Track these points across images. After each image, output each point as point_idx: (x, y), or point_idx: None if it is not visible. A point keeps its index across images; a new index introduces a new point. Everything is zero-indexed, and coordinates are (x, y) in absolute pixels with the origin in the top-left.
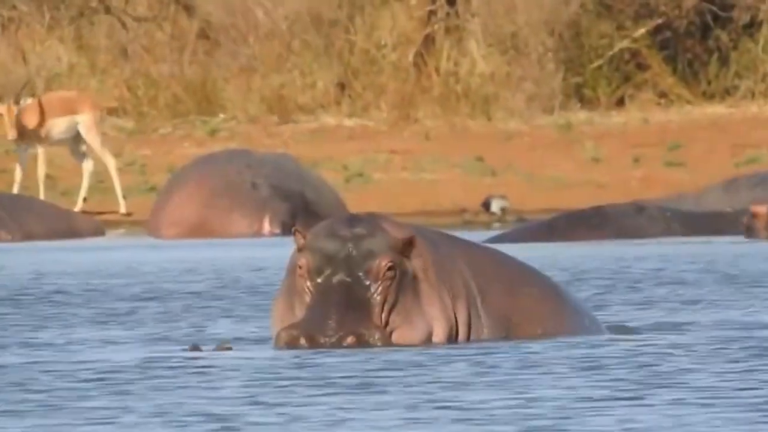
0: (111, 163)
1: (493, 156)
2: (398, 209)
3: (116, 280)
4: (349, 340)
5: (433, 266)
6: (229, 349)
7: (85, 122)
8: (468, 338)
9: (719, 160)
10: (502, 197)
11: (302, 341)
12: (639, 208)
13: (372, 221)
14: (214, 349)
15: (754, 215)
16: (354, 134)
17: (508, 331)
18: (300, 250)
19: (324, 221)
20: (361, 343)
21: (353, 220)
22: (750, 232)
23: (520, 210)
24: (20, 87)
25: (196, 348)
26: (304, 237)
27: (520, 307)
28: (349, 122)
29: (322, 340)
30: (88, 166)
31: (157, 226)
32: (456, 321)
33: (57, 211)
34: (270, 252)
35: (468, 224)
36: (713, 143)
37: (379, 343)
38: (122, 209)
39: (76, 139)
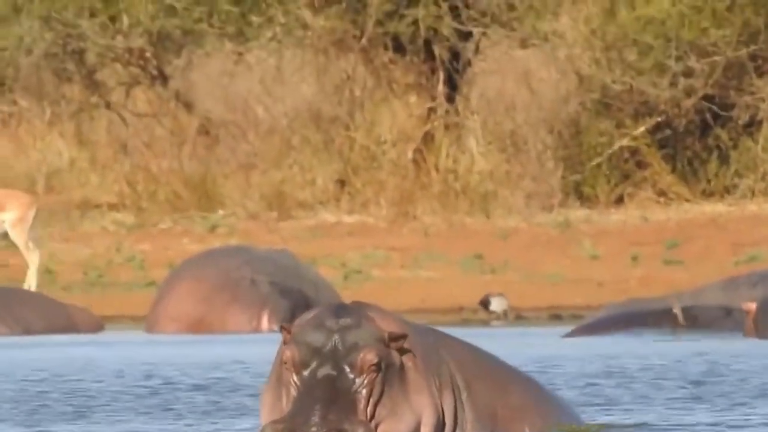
0: (34, 264)
1: (492, 253)
2: (396, 306)
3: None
4: None
5: (421, 355)
6: None
7: (9, 220)
8: (454, 431)
9: (719, 258)
10: (502, 296)
11: None
12: (728, 311)
13: (359, 311)
14: None
15: (746, 312)
16: (353, 231)
17: (493, 426)
18: (286, 343)
19: (311, 311)
20: None
21: (341, 310)
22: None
23: (518, 308)
24: None
25: None
26: (290, 332)
27: (505, 404)
28: (348, 219)
29: None
30: (33, 258)
31: (156, 321)
32: (443, 412)
33: (56, 306)
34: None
35: (466, 322)
36: (712, 242)
37: None
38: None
39: (5, 235)
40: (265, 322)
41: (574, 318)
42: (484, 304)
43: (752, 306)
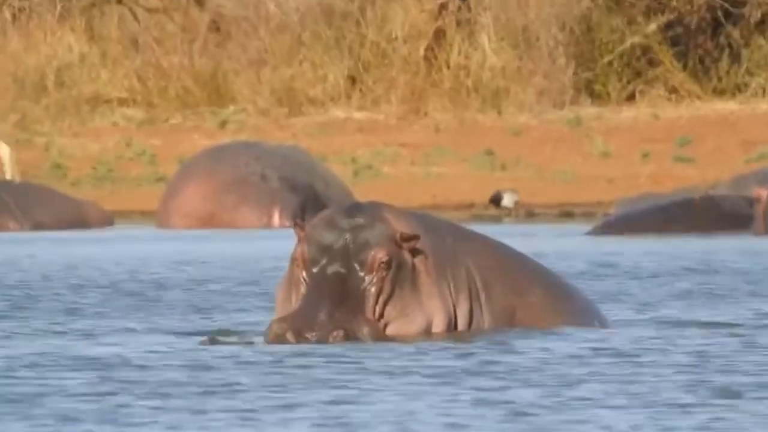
0: (5, 155)
1: (503, 150)
2: (407, 203)
3: (126, 271)
4: (337, 335)
5: (434, 259)
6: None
7: None
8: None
9: (729, 156)
10: (513, 191)
11: (289, 336)
12: (750, 201)
13: (374, 211)
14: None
15: (756, 199)
16: (363, 127)
17: (512, 325)
18: (300, 241)
19: (326, 210)
20: (350, 338)
21: (354, 209)
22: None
23: (529, 204)
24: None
25: (213, 340)
26: (303, 228)
27: (524, 304)
28: (358, 115)
29: (309, 336)
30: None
31: (167, 217)
32: (455, 313)
33: (66, 201)
34: (280, 244)
35: (477, 218)
36: (723, 139)
37: (368, 338)
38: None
39: None
40: (275, 219)
41: (585, 215)
42: (495, 200)
43: (763, 193)
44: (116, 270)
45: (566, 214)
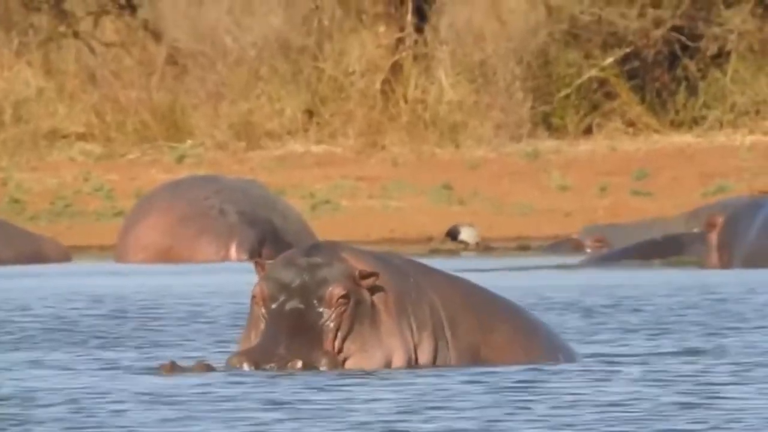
0: None
1: (461, 184)
2: (365, 237)
3: (81, 305)
4: (296, 365)
5: (394, 296)
6: (210, 368)
7: None
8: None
9: (687, 189)
10: (471, 226)
11: (246, 368)
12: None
13: (332, 251)
14: (193, 369)
15: (710, 225)
16: (321, 161)
17: (477, 363)
18: (259, 279)
19: (285, 252)
20: (308, 368)
21: (313, 249)
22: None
23: (486, 238)
24: None
25: (174, 367)
26: (264, 267)
27: (490, 340)
28: (316, 149)
29: (267, 368)
30: None
31: (125, 251)
32: (416, 351)
33: (24, 236)
34: (236, 278)
35: (435, 252)
36: (681, 172)
37: (326, 369)
38: None
39: None
40: (233, 253)
41: (542, 248)
42: (452, 235)
43: (718, 219)
44: (70, 304)
45: (523, 247)
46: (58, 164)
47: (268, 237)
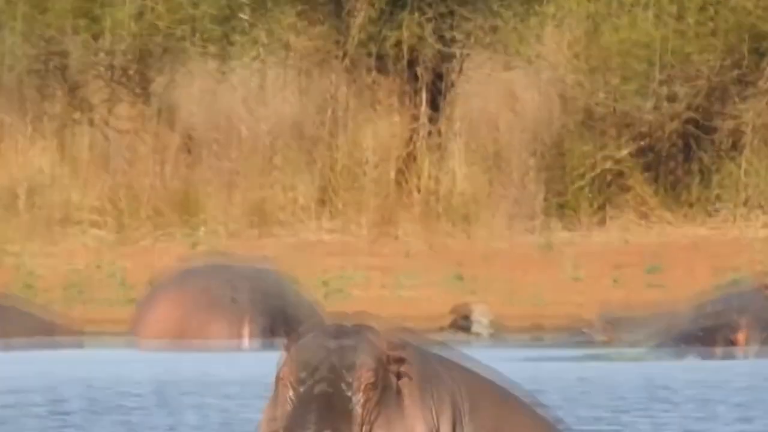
0: None
1: (473, 274)
2: (377, 325)
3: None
4: None
5: (418, 382)
6: None
7: None
8: None
9: (700, 282)
10: (483, 308)
11: None
12: None
13: (360, 333)
14: None
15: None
16: (334, 250)
17: None
18: (286, 360)
19: (312, 332)
20: None
21: (340, 330)
22: None
23: (499, 327)
24: None
25: None
26: (290, 349)
27: (509, 427)
28: (329, 237)
29: None
30: None
31: (137, 337)
32: None
33: (37, 320)
34: (248, 365)
35: (446, 341)
36: (694, 265)
37: None
38: None
39: None
40: (245, 341)
41: (556, 339)
42: (462, 316)
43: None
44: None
45: (536, 338)
46: (71, 250)
47: (280, 325)
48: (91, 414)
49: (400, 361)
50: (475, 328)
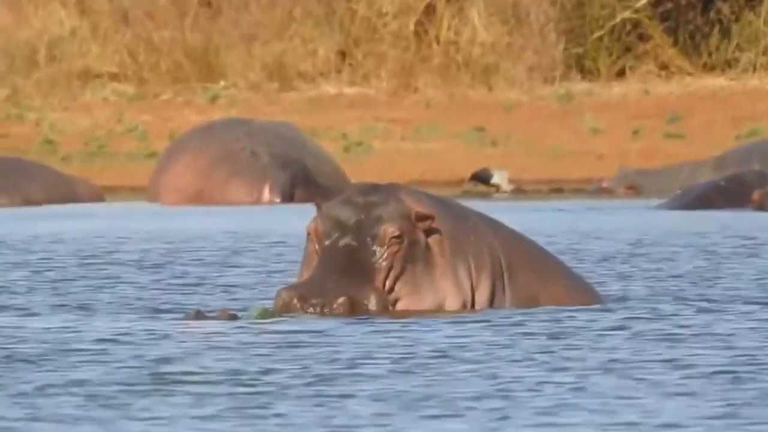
0: None
1: (493, 126)
2: (397, 178)
3: (117, 246)
4: (342, 302)
5: (451, 239)
6: (234, 317)
7: None
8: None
9: (719, 132)
10: (502, 169)
11: (295, 302)
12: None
13: (390, 191)
14: (218, 317)
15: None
16: (354, 103)
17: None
18: (315, 216)
19: (346, 189)
20: (355, 305)
21: (371, 189)
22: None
23: (518, 180)
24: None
25: (199, 315)
26: (320, 206)
27: (547, 291)
28: (349, 90)
29: (315, 301)
30: None
31: (157, 193)
32: (474, 293)
33: (57, 177)
34: (269, 219)
35: (467, 194)
36: (713, 115)
37: (374, 308)
38: None
39: None
40: (266, 195)
41: (575, 191)
42: (483, 177)
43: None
44: (104, 245)
45: (556, 189)
46: (91, 105)
47: (300, 179)
48: (104, 267)
49: (429, 218)
50: (495, 179)
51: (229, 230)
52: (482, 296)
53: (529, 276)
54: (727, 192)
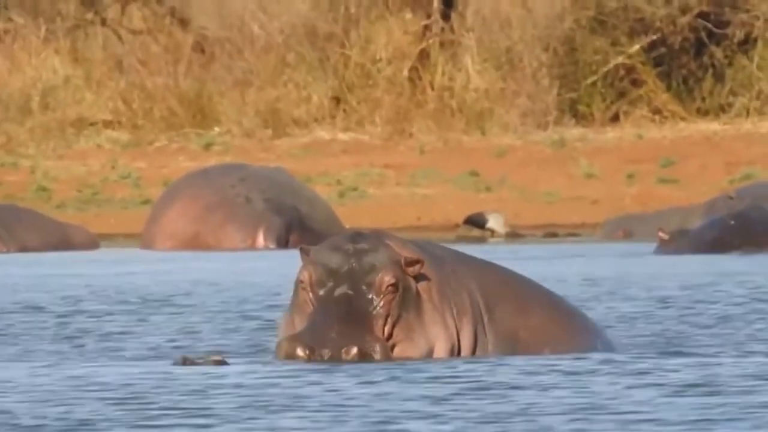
0: None
1: (487, 171)
2: (392, 224)
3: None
4: (351, 351)
5: (437, 285)
6: (223, 362)
7: None
8: (472, 354)
9: (713, 176)
10: (497, 212)
11: (300, 352)
12: None
13: (376, 238)
14: (205, 362)
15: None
16: (348, 148)
17: (514, 350)
18: (305, 264)
19: (329, 238)
20: (362, 355)
21: (357, 236)
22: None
23: (513, 225)
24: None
25: (187, 361)
26: (308, 253)
27: (528, 326)
28: (343, 136)
29: (322, 352)
30: None
31: (152, 239)
32: (459, 338)
33: (52, 224)
34: (263, 265)
35: (461, 238)
36: (707, 160)
37: (379, 356)
38: None
39: None
40: (260, 240)
41: (570, 236)
42: (478, 222)
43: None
44: (102, 292)
45: (550, 234)
46: (86, 152)
47: (295, 225)
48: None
49: (417, 262)
50: (490, 224)
51: (221, 276)
52: (466, 341)
53: (507, 309)
54: (738, 231)
